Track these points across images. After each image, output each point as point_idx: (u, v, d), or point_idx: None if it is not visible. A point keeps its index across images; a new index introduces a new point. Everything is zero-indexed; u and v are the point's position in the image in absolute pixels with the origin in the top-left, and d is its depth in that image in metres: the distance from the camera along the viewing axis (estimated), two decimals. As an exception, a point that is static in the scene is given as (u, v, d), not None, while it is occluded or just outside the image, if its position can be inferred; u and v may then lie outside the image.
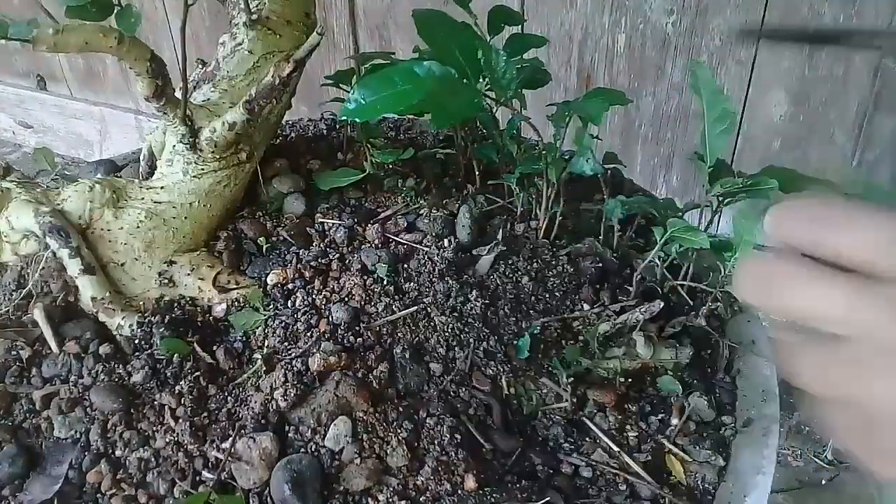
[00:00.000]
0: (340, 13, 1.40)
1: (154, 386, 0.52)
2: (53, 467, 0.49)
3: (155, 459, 0.49)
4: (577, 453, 0.51)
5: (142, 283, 0.59)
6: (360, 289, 0.58)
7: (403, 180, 0.71)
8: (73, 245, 0.57)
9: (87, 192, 0.59)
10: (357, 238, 0.64)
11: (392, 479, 0.47)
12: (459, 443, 0.49)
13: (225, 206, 0.64)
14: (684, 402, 0.55)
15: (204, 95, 0.63)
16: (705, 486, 0.50)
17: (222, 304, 0.59)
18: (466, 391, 0.53)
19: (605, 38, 1.20)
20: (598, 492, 0.49)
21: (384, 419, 0.49)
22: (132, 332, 0.56)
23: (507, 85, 0.55)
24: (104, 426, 0.50)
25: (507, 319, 0.57)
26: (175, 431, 0.50)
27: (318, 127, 0.85)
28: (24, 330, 0.57)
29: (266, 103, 0.59)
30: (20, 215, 0.59)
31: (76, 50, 0.50)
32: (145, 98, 0.56)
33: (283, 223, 0.66)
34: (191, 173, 0.61)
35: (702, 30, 1.12)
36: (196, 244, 0.63)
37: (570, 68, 1.25)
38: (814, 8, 1.04)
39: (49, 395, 0.53)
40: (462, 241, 0.63)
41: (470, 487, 0.47)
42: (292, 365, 0.52)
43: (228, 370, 0.55)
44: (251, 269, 0.62)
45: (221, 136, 0.59)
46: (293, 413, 0.50)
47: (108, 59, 1.74)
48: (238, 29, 0.65)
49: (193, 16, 0.51)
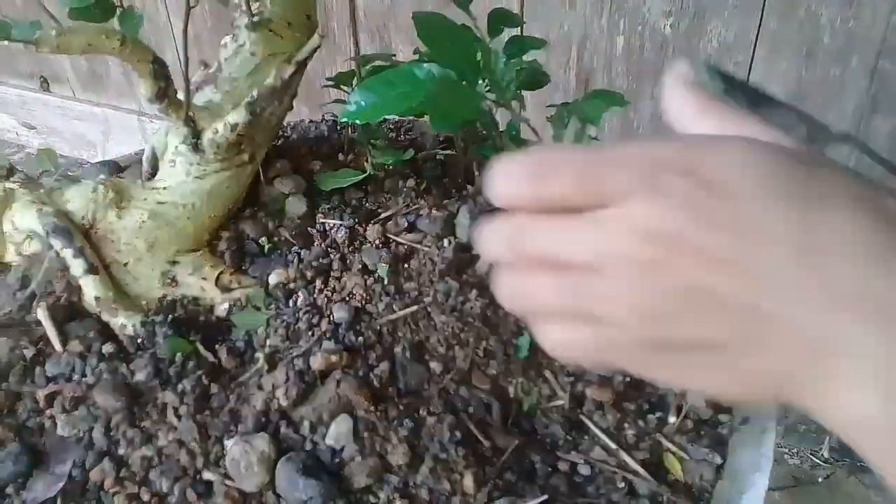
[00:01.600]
0: (341, 15, 1.41)
1: (157, 385, 0.53)
2: (57, 465, 0.50)
3: (158, 458, 0.49)
4: (575, 451, 0.52)
5: (145, 282, 0.60)
6: (361, 288, 0.59)
7: (404, 181, 0.71)
8: (77, 245, 0.57)
9: (90, 192, 0.60)
10: (358, 238, 0.65)
11: (392, 476, 0.47)
12: (459, 441, 0.49)
13: (227, 207, 0.65)
14: (682, 400, 0.55)
15: (206, 97, 0.64)
16: (703, 484, 0.50)
17: (225, 304, 0.59)
18: (466, 390, 0.53)
19: (603, 40, 1.20)
20: (596, 489, 0.49)
21: (385, 417, 0.50)
22: (135, 331, 0.56)
23: (506, 86, 0.55)
24: (107, 425, 0.51)
25: (507, 318, 0.58)
26: (178, 430, 0.50)
27: (320, 128, 0.86)
28: (27, 329, 0.57)
29: (268, 105, 0.59)
30: (24, 216, 0.59)
31: (79, 51, 0.51)
32: (148, 100, 0.57)
33: (285, 223, 0.67)
34: (193, 174, 0.62)
35: (700, 32, 1.13)
36: (198, 244, 0.63)
37: (569, 70, 1.26)
38: (811, 9, 1.04)
39: (52, 393, 0.53)
40: (462, 241, 0.64)
41: (469, 485, 0.47)
42: (294, 364, 0.52)
43: (231, 369, 0.55)
44: (253, 269, 0.63)
45: (224, 137, 0.60)
46: (295, 411, 0.50)
47: (111, 60, 1.74)
48: (240, 31, 0.65)
49: (195, 18, 0.51)
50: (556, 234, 0.29)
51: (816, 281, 0.26)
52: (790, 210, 0.26)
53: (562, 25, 1.22)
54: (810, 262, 0.26)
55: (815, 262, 0.26)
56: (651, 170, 0.27)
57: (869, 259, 0.25)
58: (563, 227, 0.29)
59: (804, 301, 0.26)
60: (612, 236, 0.27)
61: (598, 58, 1.22)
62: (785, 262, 0.26)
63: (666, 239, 0.27)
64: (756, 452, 0.52)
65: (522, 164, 0.29)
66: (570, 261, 0.29)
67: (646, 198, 0.27)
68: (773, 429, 0.54)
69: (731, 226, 0.26)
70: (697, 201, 0.26)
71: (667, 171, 0.27)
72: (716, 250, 0.26)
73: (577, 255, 0.29)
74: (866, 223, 0.26)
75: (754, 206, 0.26)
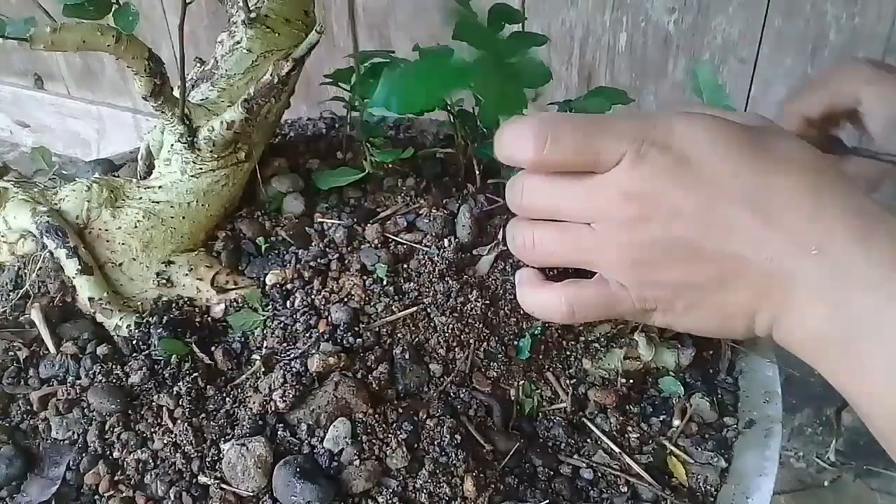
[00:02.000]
0: (340, 11, 1.40)
1: (152, 387, 0.52)
2: (51, 469, 0.49)
3: (153, 461, 0.48)
4: (577, 454, 0.51)
5: (139, 283, 0.59)
6: (360, 289, 0.58)
7: (403, 180, 0.71)
8: (71, 245, 0.56)
9: (84, 191, 0.59)
10: (356, 238, 0.64)
11: (392, 480, 0.47)
12: (459, 444, 0.48)
13: (223, 206, 0.64)
14: (686, 403, 0.54)
15: (202, 94, 0.63)
16: (707, 488, 0.49)
17: (221, 305, 0.59)
18: (467, 392, 0.53)
19: (606, 36, 1.19)
20: (599, 493, 0.49)
21: (384, 420, 0.49)
22: (130, 332, 0.55)
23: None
24: (102, 427, 0.50)
25: (507, 319, 0.57)
26: (173, 433, 0.49)
27: (318, 126, 0.85)
28: (21, 330, 0.56)
29: (265, 102, 0.58)
30: (17, 215, 0.59)
31: (74, 48, 0.50)
32: (143, 97, 0.56)
33: (282, 223, 0.66)
34: (189, 172, 0.61)
35: (703, 28, 1.12)
36: (194, 244, 0.62)
37: (571, 67, 1.25)
38: (816, 6, 1.03)
39: (46, 395, 0.52)
40: (462, 241, 0.63)
41: (469, 489, 0.46)
42: (291, 366, 0.51)
43: (227, 371, 0.54)
44: (250, 270, 0.62)
45: (220, 134, 0.59)
46: (292, 414, 0.49)
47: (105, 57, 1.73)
48: (236, 27, 0.64)
49: (192, 14, 0.51)
50: (557, 193, 0.35)
51: (771, 231, 0.32)
52: (748, 175, 0.32)
53: (564, 21, 1.21)
54: (765, 216, 0.32)
55: (768, 215, 0.32)
56: (636, 143, 0.33)
57: (811, 212, 0.32)
58: (563, 188, 0.35)
59: (762, 246, 0.33)
60: (601, 198, 0.34)
61: (600, 54, 1.22)
62: (745, 216, 0.32)
63: (645, 198, 0.33)
64: (761, 456, 0.51)
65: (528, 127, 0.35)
66: (569, 216, 0.36)
67: (630, 166, 0.33)
68: (779, 432, 0.53)
69: (700, 188, 0.32)
70: (672, 169, 0.32)
71: (648, 144, 0.33)
72: (687, 207, 0.32)
73: (574, 212, 0.35)
74: (809, 182, 0.32)
75: (719, 171, 0.32)
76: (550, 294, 0.38)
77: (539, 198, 0.36)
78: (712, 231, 0.33)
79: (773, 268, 0.33)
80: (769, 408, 0.55)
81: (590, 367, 0.56)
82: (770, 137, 0.34)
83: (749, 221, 0.32)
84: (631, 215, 0.33)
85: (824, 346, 0.33)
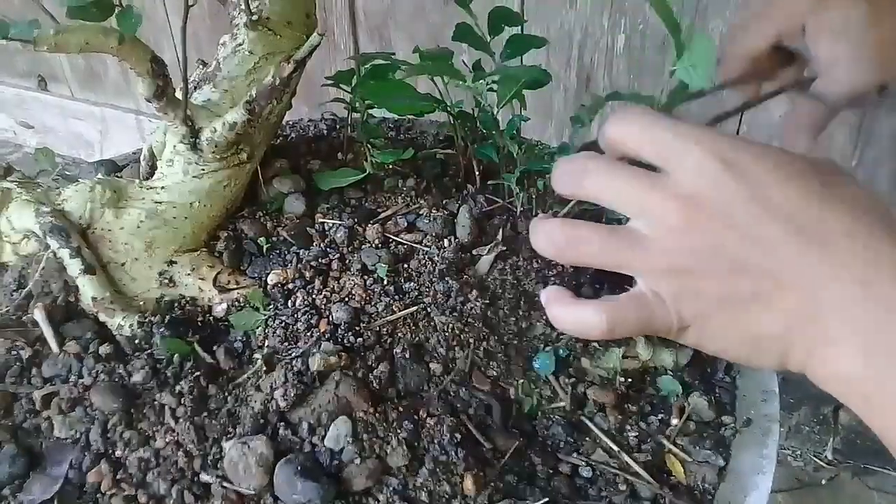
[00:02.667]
0: (341, 14, 1.40)
1: (154, 386, 0.52)
2: (53, 467, 0.49)
3: (155, 459, 0.49)
4: (576, 453, 0.51)
5: (142, 283, 0.59)
6: (361, 289, 0.58)
7: (403, 180, 0.71)
8: (74, 245, 0.57)
9: (87, 192, 0.59)
10: (357, 238, 0.64)
11: (392, 478, 0.47)
12: (459, 442, 0.49)
13: (225, 207, 0.64)
14: (684, 401, 0.55)
15: (204, 96, 0.63)
16: (705, 486, 0.50)
17: (222, 304, 0.59)
18: (466, 391, 0.53)
19: (604, 38, 1.20)
20: (598, 491, 0.49)
21: (384, 419, 0.50)
22: (132, 332, 0.56)
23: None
24: (104, 426, 0.50)
25: (507, 319, 0.57)
26: (175, 431, 0.50)
27: (319, 127, 0.85)
28: (24, 330, 0.57)
29: (266, 103, 0.59)
30: (21, 215, 0.59)
31: (77, 50, 0.50)
32: (146, 98, 0.56)
33: (284, 223, 0.66)
34: (191, 173, 0.61)
35: (702, 30, 1.12)
36: (196, 244, 0.63)
37: (569, 69, 1.25)
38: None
39: (49, 394, 0.53)
40: (462, 241, 0.63)
41: (469, 487, 0.47)
42: (292, 365, 0.52)
43: (229, 370, 0.55)
44: (251, 270, 0.62)
45: (222, 136, 0.59)
46: (293, 413, 0.50)
47: (108, 59, 1.74)
48: (238, 29, 0.65)
49: (194, 16, 0.51)
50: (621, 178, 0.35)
51: (815, 256, 0.32)
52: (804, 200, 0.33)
53: (562, 24, 1.22)
54: (814, 241, 0.32)
55: (817, 243, 0.32)
56: (704, 155, 0.33)
57: (860, 247, 0.32)
58: (627, 177, 0.35)
59: (804, 271, 0.32)
60: (657, 198, 0.34)
61: (598, 56, 1.22)
62: (793, 240, 0.32)
63: (700, 205, 0.33)
64: (759, 454, 0.52)
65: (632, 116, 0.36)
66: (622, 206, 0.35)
67: (693, 175, 0.33)
68: (777, 430, 0.54)
69: (753, 202, 0.32)
70: (730, 184, 0.33)
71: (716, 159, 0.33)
72: (738, 218, 0.32)
73: (629, 202, 0.35)
74: (864, 218, 0.32)
75: (775, 193, 0.33)
76: (588, 311, 0.37)
77: (602, 179, 0.36)
78: (757, 245, 0.32)
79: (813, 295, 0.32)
80: (767, 407, 0.56)
81: (588, 367, 0.56)
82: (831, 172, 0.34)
83: (794, 242, 0.32)
84: (683, 219, 0.33)
85: (855, 387, 0.32)
